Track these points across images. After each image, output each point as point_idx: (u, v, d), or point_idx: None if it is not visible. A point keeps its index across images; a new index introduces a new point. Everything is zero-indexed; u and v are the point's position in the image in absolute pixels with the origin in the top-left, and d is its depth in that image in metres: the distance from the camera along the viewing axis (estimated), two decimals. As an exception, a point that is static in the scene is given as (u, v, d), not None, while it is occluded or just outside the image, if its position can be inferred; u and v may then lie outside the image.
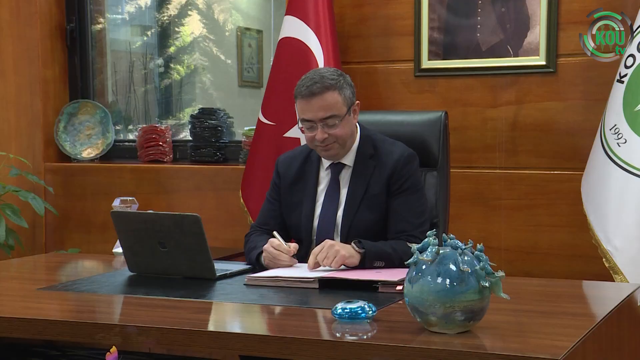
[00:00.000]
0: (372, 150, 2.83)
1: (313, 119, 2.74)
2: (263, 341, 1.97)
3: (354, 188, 2.80)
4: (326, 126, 2.73)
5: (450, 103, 3.81)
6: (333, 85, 2.74)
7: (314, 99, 2.72)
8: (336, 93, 2.74)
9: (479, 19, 3.77)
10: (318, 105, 2.72)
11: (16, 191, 4.30)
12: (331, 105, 2.73)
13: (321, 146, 2.77)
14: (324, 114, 2.73)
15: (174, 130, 4.70)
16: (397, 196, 2.78)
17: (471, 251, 1.94)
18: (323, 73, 2.77)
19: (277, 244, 2.70)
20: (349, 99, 2.78)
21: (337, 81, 2.75)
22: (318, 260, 2.57)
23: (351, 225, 2.77)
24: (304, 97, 2.74)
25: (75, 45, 4.76)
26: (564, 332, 1.97)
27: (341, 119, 2.74)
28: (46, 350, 2.34)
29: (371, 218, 2.77)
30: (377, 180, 2.79)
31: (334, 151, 2.79)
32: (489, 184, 3.79)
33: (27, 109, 4.63)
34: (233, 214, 4.15)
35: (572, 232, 3.62)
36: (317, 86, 2.72)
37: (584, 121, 3.62)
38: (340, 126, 2.74)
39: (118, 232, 2.71)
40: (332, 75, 2.76)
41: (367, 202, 2.78)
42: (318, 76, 2.75)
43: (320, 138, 2.74)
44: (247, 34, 5.03)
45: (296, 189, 2.89)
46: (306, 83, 2.74)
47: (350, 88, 2.80)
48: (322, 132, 2.73)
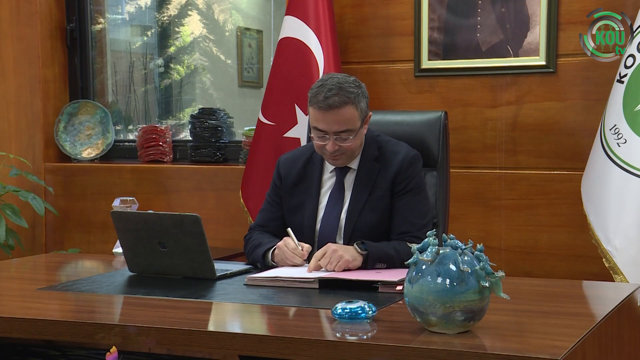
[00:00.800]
0: (377, 152, 2.80)
1: (327, 130, 2.68)
2: (263, 341, 1.97)
3: (358, 190, 2.78)
4: (339, 139, 2.68)
5: (450, 103, 3.81)
6: (352, 99, 2.66)
7: (330, 112, 2.65)
8: (353, 108, 2.67)
9: (479, 19, 3.77)
10: (334, 119, 2.66)
11: (16, 191, 4.30)
12: (347, 120, 2.67)
13: (330, 156, 2.74)
14: (338, 128, 2.67)
15: (174, 130, 4.70)
16: (401, 197, 2.76)
17: (471, 251, 1.94)
18: (342, 84, 2.67)
19: (293, 247, 2.67)
20: (364, 111, 2.73)
21: (356, 95, 2.68)
22: (321, 264, 2.56)
23: (355, 226, 2.76)
24: (320, 108, 2.66)
25: (75, 45, 4.76)
26: (564, 332, 1.97)
27: (355, 133, 2.70)
28: (46, 350, 2.34)
29: (374, 219, 2.76)
30: (382, 182, 2.77)
31: (341, 161, 2.77)
32: (489, 184, 3.79)
33: (27, 109, 4.64)
34: (233, 214, 4.15)
35: (572, 232, 3.63)
36: (335, 100, 2.64)
37: (584, 121, 3.62)
38: (353, 140, 2.70)
39: (118, 232, 2.71)
40: (351, 87, 2.68)
41: (371, 203, 2.77)
42: (336, 87, 2.66)
43: (330, 149, 2.69)
44: (247, 34, 5.03)
45: (298, 191, 2.86)
46: (324, 92, 2.65)
47: (366, 100, 2.74)
48: (334, 144, 2.69)
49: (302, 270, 2.56)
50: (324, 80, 2.72)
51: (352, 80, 2.73)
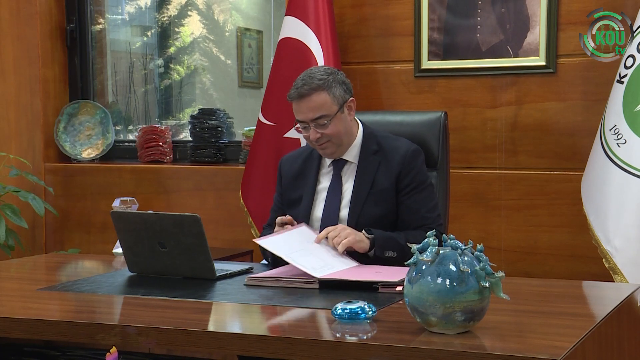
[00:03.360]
0: (376, 147, 2.86)
1: (304, 119, 2.79)
2: (262, 341, 1.97)
3: (360, 183, 2.83)
4: (317, 126, 2.78)
5: (450, 103, 3.81)
6: (320, 85, 2.77)
7: (302, 101, 2.77)
8: (324, 93, 2.77)
9: (479, 19, 3.78)
10: (307, 107, 2.77)
11: (16, 191, 4.30)
12: (319, 106, 2.77)
13: (317, 145, 2.83)
14: (313, 115, 2.77)
15: (174, 130, 4.70)
16: (410, 193, 2.81)
17: (471, 251, 1.94)
18: (313, 73, 2.80)
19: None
20: (340, 97, 2.80)
21: (325, 81, 2.78)
22: (328, 238, 2.64)
23: (358, 219, 2.79)
24: (293, 99, 2.80)
25: (75, 46, 4.76)
26: (564, 332, 1.97)
27: (331, 118, 2.78)
28: (46, 351, 2.34)
29: (378, 213, 2.80)
30: (384, 175, 2.82)
31: (330, 149, 2.83)
32: (489, 184, 3.79)
33: (27, 109, 4.64)
34: (233, 214, 4.15)
35: (572, 233, 3.63)
36: (305, 88, 2.77)
37: (583, 121, 3.62)
38: (331, 125, 2.78)
39: (118, 232, 2.71)
40: (321, 75, 2.79)
41: (374, 197, 2.81)
42: (307, 77, 2.79)
43: (313, 138, 2.79)
44: (247, 34, 5.03)
45: (297, 185, 2.94)
46: (296, 85, 2.79)
47: (342, 85, 2.82)
48: (315, 131, 2.78)
49: (303, 263, 2.52)
50: (300, 75, 2.85)
51: (325, 68, 2.86)
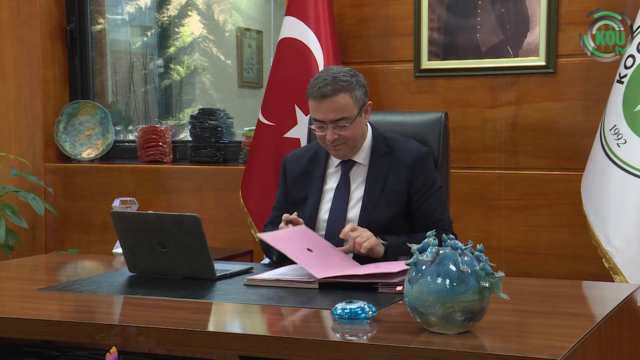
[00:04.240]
0: (386, 148, 2.86)
1: (324, 119, 2.76)
2: (263, 341, 1.97)
3: (371, 185, 2.83)
4: (337, 127, 2.76)
5: (450, 103, 3.81)
6: (345, 87, 2.74)
7: (325, 101, 2.74)
8: (347, 95, 2.75)
9: (479, 19, 3.77)
10: (329, 107, 2.74)
11: (16, 191, 4.30)
12: (342, 108, 2.75)
13: (331, 146, 2.80)
14: (334, 116, 2.75)
15: (174, 130, 4.70)
16: (424, 197, 2.82)
17: (471, 251, 1.94)
18: (335, 74, 2.77)
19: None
20: (361, 99, 2.79)
21: (349, 83, 2.76)
22: (350, 237, 2.65)
23: (369, 222, 2.78)
24: (315, 98, 2.76)
25: (75, 46, 4.76)
26: (564, 332, 1.97)
27: (352, 121, 2.76)
28: (46, 351, 2.34)
29: (389, 214, 2.80)
30: (395, 177, 2.83)
31: (344, 152, 2.83)
32: (489, 184, 3.79)
33: (27, 109, 4.63)
34: (233, 214, 4.15)
35: (572, 233, 3.63)
36: (329, 88, 2.73)
37: (583, 121, 3.62)
38: (350, 128, 2.77)
39: (118, 232, 2.71)
40: (345, 77, 2.76)
41: (385, 198, 2.81)
42: (330, 77, 2.75)
43: (330, 139, 2.77)
44: (247, 34, 5.03)
45: (302, 185, 2.92)
46: (318, 83, 2.75)
47: (362, 88, 2.81)
48: (333, 133, 2.76)
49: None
50: (320, 72, 2.83)
51: (347, 70, 2.82)
